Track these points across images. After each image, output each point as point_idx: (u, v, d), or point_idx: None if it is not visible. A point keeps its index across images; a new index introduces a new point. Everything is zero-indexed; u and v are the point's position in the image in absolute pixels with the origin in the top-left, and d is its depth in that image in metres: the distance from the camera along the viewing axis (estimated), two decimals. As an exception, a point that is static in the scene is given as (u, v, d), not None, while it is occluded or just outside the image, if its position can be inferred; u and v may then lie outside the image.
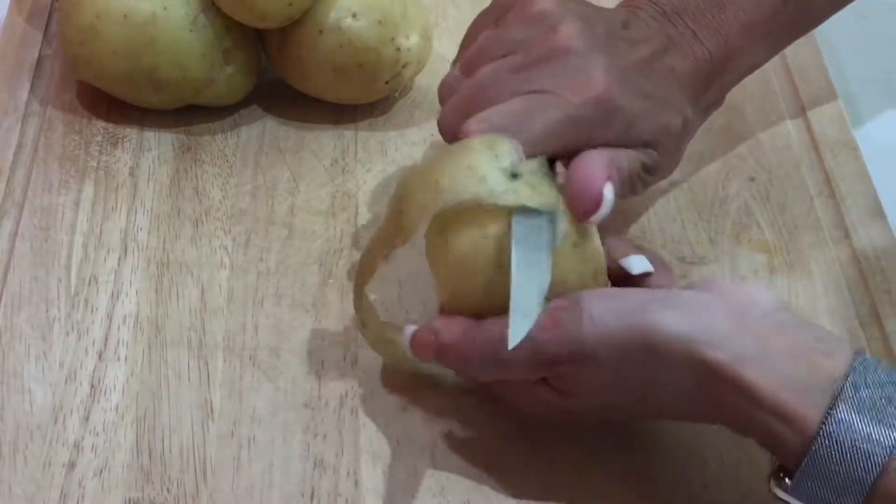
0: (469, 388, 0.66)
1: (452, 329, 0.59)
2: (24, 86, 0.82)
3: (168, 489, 0.62)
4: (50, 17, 0.87)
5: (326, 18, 0.77)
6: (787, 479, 0.56)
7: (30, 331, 0.68)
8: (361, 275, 0.64)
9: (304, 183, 0.78)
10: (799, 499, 0.55)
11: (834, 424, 0.54)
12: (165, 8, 0.76)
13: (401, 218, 0.60)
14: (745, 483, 0.63)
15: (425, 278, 0.70)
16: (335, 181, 0.78)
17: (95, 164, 0.78)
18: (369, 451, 0.64)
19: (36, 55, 0.85)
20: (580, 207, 0.58)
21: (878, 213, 0.77)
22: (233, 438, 0.64)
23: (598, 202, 0.58)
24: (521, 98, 0.62)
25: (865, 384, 0.54)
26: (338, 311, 0.70)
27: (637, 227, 0.76)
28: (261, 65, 0.81)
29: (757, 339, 0.55)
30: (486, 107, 0.62)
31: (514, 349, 0.55)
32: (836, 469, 0.54)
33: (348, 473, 0.63)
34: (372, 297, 0.70)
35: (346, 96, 0.81)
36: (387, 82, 0.79)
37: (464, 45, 0.69)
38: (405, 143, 0.81)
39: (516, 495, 0.62)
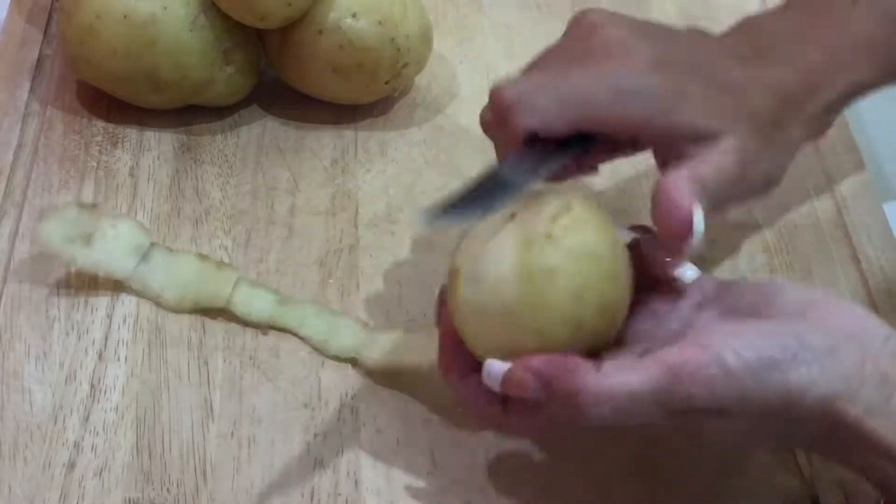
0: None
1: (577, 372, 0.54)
2: (24, 86, 0.82)
3: (168, 489, 0.62)
4: (50, 17, 0.87)
5: (326, 18, 0.77)
6: None
7: (30, 331, 0.68)
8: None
9: (304, 183, 0.78)
10: None
11: None
12: (165, 8, 0.76)
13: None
14: (746, 483, 0.63)
15: (425, 278, 0.70)
16: (335, 181, 0.78)
17: (95, 164, 0.78)
18: (369, 451, 0.64)
19: (36, 55, 0.85)
20: (674, 233, 0.56)
21: (878, 213, 0.77)
22: (233, 438, 0.64)
23: (689, 226, 0.56)
24: (556, 72, 0.60)
25: None
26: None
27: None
28: (261, 65, 0.81)
29: (883, 382, 0.54)
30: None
31: (637, 399, 0.53)
32: None
33: (348, 473, 0.63)
34: (372, 297, 0.70)
35: (346, 96, 0.81)
36: (387, 82, 0.79)
37: None
38: (405, 143, 0.81)
39: (516, 495, 0.62)
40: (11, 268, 0.71)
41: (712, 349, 0.53)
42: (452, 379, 0.59)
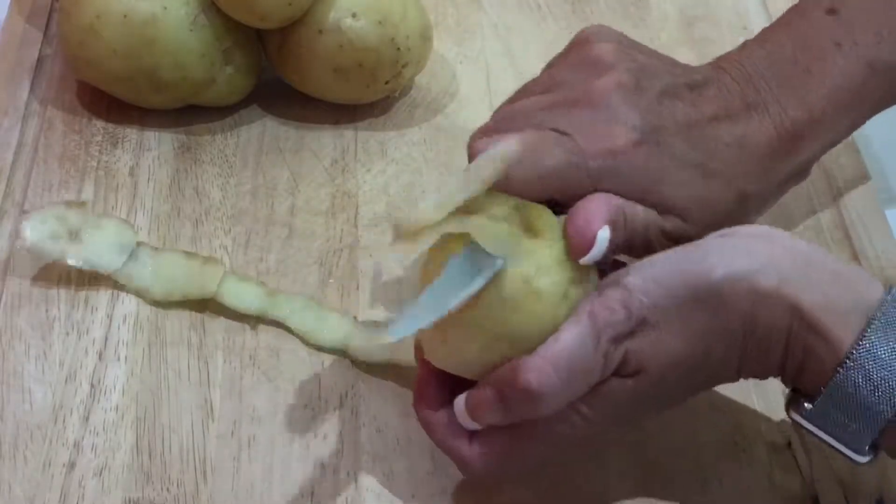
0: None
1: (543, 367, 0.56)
2: (24, 86, 0.82)
3: (168, 489, 0.62)
4: (50, 17, 0.87)
5: (326, 18, 0.77)
6: (806, 404, 0.56)
7: (30, 331, 0.68)
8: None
9: (304, 183, 0.78)
10: (816, 422, 0.56)
11: (863, 352, 0.54)
12: (165, 8, 0.76)
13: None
14: (746, 483, 0.63)
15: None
16: (335, 181, 0.78)
17: (95, 164, 0.78)
18: (369, 451, 0.64)
19: (36, 55, 0.85)
20: (574, 245, 0.57)
21: (878, 213, 0.77)
22: (233, 438, 0.64)
23: (590, 242, 0.57)
24: (535, 131, 0.61)
25: None
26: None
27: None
28: (261, 65, 0.81)
29: (798, 260, 0.56)
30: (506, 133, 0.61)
31: (575, 354, 0.55)
32: (859, 396, 0.55)
33: (348, 474, 0.63)
34: (372, 296, 0.70)
35: (346, 96, 0.81)
36: (387, 82, 0.79)
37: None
38: (405, 143, 0.81)
39: (516, 496, 0.62)
40: (11, 268, 0.71)
41: (621, 279, 0.56)
42: (422, 410, 0.60)
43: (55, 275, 0.71)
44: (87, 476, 0.62)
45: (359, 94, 0.80)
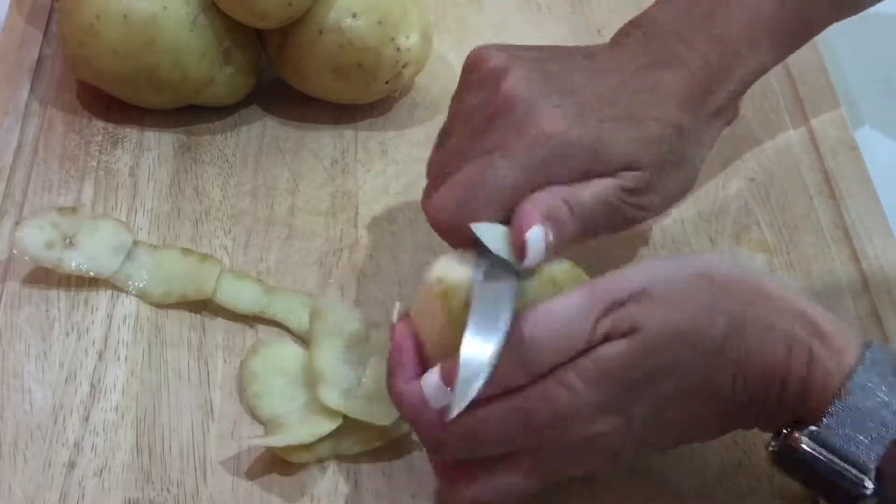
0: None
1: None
2: (24, 86, 0.82)
3: (168, 489, 0.62)
4: (50, 17, 0.87)
5: (326, 18, 0.77)
6: (812, 427, 0.55)
7: (30, 331, 0.68)
8: None
9: (304, 183, 0.78)
10: (823, 441, 0.55)
11: (870, 361, 0.55)
12: (165, 8, 0.76)
13: None
14: (746, 483, 0.63)
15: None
16: (335, 181, 0.78)
17: (95, 164, 0.78)
18: (369, 451, 0.64)
19: (36, 55, 0.85)
20: (516, 251, 0.58)
21: (878, 213, 0.77)
22: (233, 438, 0.64)
23: (522, 247, 0.57)
24: (471, 164, 0.61)
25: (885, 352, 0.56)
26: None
27: (637, 228, 0.75)
28: (261, 65, 0.81)
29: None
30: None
31: (571, 318, 0.54)
32: (872, 403, 0.54)
33: (348, 473, 0.63)
34: (372, 297, 0.70)
35: (346, 96, 0.81)
36: (387, 82, 0.79)
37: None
38: (405, 143, 0.81)
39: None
40: (11, 268, 0.71)
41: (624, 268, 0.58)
42: (397, 383, 0.58)
43: (55, 275, 0.71)
44: (87, 476, 0.62)
45: (359, 94, 0.80)
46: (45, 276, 0.71)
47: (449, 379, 0.55)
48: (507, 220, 0.60)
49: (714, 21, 0.65)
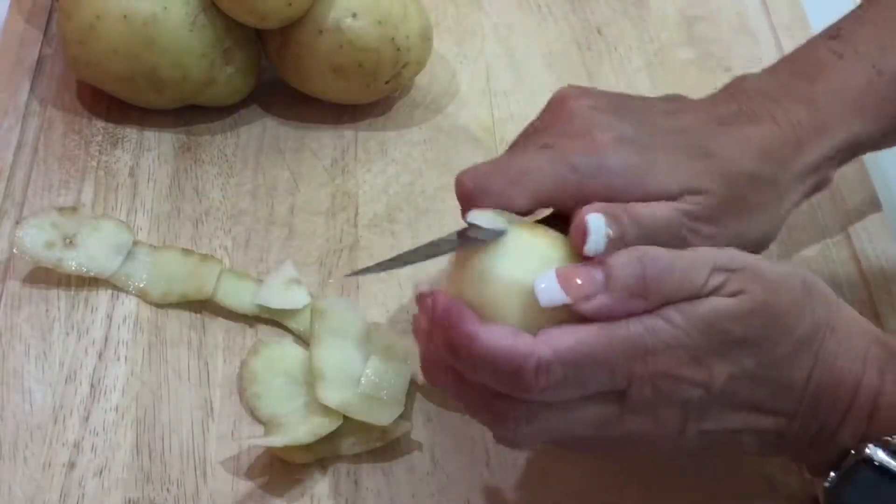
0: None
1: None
2: (24, 86, 0.82)
3: (168, 489, 0.62)
4: (50, 17, 0.87)
5: (326, 18, 0.77)
6: (886, 437, 0.56)
7: (30, 331, 0.68)
8: None
9: (304, 183, 0.78)
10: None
11: None
12: (165, 8, 0.76)
13: None
14: (746, 483, 0.63)
15: (425, 278, 0.70)
16: (335, 181, 0.78)
17: (95, 164, 0.78)
18: (369, 451, 0.64)
19: (36, 55, 0.85)
20: (575, 239, 0.57)
21: (879, 213, 0.77)
22: (233, 438, 0.64)
23: (584, 230, 0.57)
24: (516, 151, 0.61)
25: None
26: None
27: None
28: (261, 65, 0.81)
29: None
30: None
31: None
32: None
33: (348, 473, 0.63)
34: (372, 297, 0.70)
35: (346, 96, 0.81)
36: (387, 82, 0.79)
37: None
38: (405, 143, 0.81)
39: (516, 495, 0.62)
40: (11, 268, 0.71)
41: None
42: (469, 330, 0.55)
43: (55, 275, 0.71)
44: (87, 476, 0.62)
45: (359, 94, 0.80)
46: (45, 276, 0.71)
47: (568, 277, 0.55)
48: (526, 213, 0.59)
49: (805, 86, 0.65)
